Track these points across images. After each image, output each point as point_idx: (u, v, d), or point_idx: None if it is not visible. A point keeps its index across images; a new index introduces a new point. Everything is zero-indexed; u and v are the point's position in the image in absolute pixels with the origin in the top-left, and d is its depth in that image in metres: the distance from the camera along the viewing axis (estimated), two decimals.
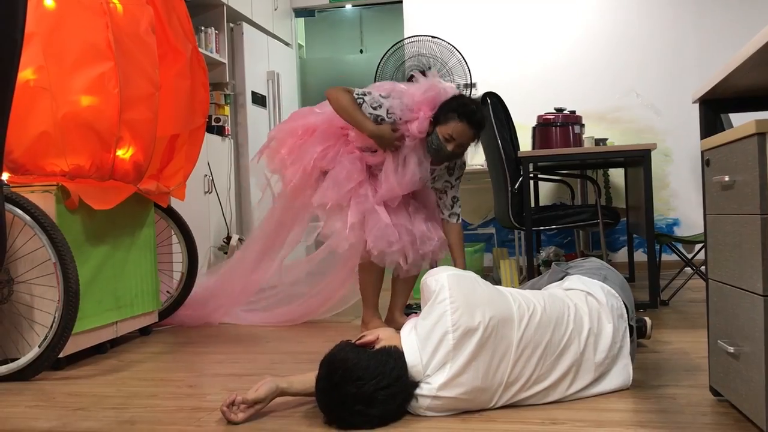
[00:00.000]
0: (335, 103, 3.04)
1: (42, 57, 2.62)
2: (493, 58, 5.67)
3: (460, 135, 2.96)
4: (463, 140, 2.99)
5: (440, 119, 2.99)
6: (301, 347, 3.05)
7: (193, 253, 3.63)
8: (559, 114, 4.28)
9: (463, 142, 3.00)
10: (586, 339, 2.01)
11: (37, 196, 2.65)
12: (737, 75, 1.72)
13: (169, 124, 3.30)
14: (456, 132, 2.95)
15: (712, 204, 1.85)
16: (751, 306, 1.57)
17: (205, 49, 4.68)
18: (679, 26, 5.44)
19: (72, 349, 2.72)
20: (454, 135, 2.96)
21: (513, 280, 4.30)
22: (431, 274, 2.00)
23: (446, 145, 2.98)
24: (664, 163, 5.41)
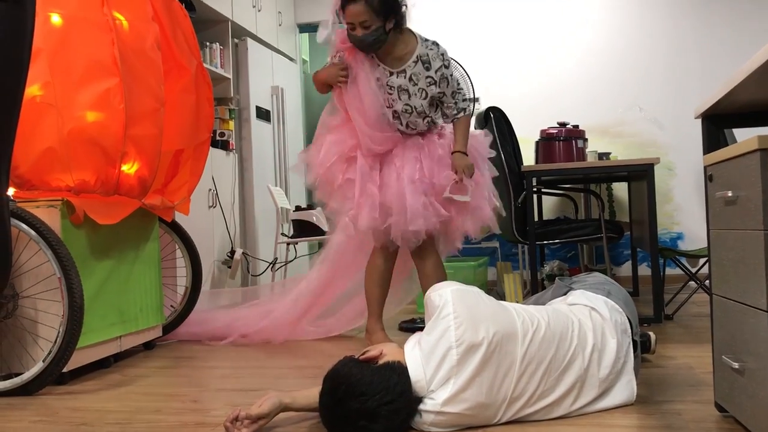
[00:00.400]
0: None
1: (48, 73, 2.65)
2: (497, 73, 5.69)
3: (352, 16, 2.92)
4: (359, 18, 2.92)
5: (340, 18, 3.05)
6: (304, 362, 3.05)
7: (197, 268, 3.64)
8: (562, 128, 4.29)
9: (361, 20, 2.92)
10: (590, 354, 2.01)
11: (43, 211, 2.66)
12: (740, 90, 1.73)
13: (174, 139, 3.32)
14: (348, 16, 2.94)
15: (716, 219, 1.85)
16: (755, 321, 1.57)
17: (210, 65, 4.71)
18: (681, 41, 5.46)
19: (76, 363, 2.72)
20: (349, 20, 2.95)
21: (517, 294, 4.30)
22: (435, 289, 2.01)
23: (355, 34, 2.96)
24: (667, 177, 5.42)
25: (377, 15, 2.91)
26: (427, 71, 3.06)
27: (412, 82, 3.06)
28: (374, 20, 2.92)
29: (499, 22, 5.75)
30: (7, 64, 1.91)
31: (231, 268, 4.73)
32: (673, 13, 5.47)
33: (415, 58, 3.06)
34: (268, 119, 5.46)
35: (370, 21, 2.92)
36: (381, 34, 2.96)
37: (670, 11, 5.48)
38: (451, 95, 3.11)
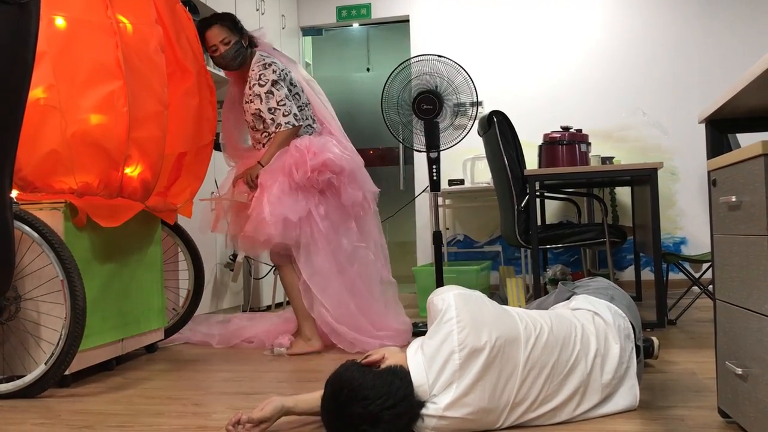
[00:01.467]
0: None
1: (52, 76, 2.65)
2: (500, 77, 5.70)
3: (210, 38, 3.38)
4: (217, 39, 3.37)
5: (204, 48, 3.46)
6: (306, 366, 3.04)
7: (200, 271, 3.64)
8: (565, 132, 4.29)
9: (220, 39, 3.37)
10: (593, 359, 2.01)
11: (46, 213, 2.66)
12: (744, 95, 1.73)
13: (177, 141, 3.32)
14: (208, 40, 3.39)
15: (719, 224, 1.84)
16: (759, 327, 1.57)
17: (212, 68, 4.71)
18: (684, 45, 5.45)
19: (78, 366, 2.72)
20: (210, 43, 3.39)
21: (519, 298, 4.29)
22: (438, 293, 2.00)
23: (216, 55, 3.40)
24: (670, 181, 5.41)
25: (231, 32, 3.39)
26: (248, 89, 3.41)
27: (245, 101, 3.44)
28: (230, 36, 3.38)
29: (503, 27, 5.75)
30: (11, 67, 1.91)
31: (233, 271, 4.73)
32: (676, 18, 5.47)
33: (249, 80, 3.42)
34: None
35: (227, 37, 3.37)
36: (238, 48, 3.40)
37: (674, 16, 5.47)
38: (268, 111, 3.36)
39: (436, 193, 4.11)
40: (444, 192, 5.47)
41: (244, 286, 5.01)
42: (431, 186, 4.08)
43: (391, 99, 4.10)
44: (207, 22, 3.42)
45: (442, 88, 4.13)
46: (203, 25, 3.42)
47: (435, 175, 4.03)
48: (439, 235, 4.11)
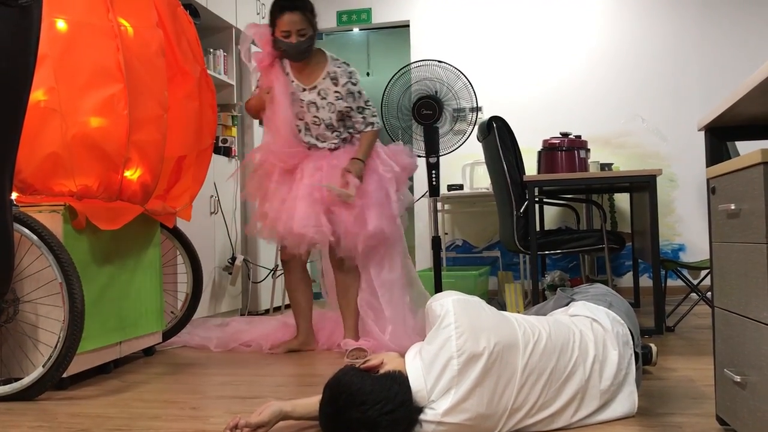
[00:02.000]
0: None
1: (53, 78, 2.65)
2: (500, 83, 5.71)
3: (289, 24, 3.18)
4: (296, 26, 3.19)
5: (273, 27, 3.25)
6: (305, 370, 3.04)
7: (198, 274, 3.64)
8: (564, 138, 4.30)
9: (298, 28, 3.19)
10: (592, 366, 2.01)
11: (45, 215, 2.66)
12: (744, 104, 1.73)
13: (177, 145, 3.32)
14: (284, 24, 3.18)
15: (718, 232, 1.85)
16: (757, 335, 1.57)
17: (213, 71, 4.73)
18: (684, 52, 5.47)
19: (76, 369, 2.72)
20: (285, 28, 3.18)
21: (518, 303, 4.29)
22: (436, 299, 2.00)
23: (290, 41, 3.20)
24: (669, 188, 5.42)
25: (310, 24, 3.23)
26: (335, 86, 3.31)
27: (320, 96, 3.31)
28: (308, 29, 3.22)
29: (503, 33, 5.77)
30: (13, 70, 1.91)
31: (232, 274, 4.73)
32: (675, 25, 5.49)
33: (324, 75, 3.32)
34: None
35: (306, 29, 3.21)
36: (311, 43, 3.27)
37: (673, 23, 5.49)
38: (357, 110, 3.33)
39: (435, 198, 4.12)
40: (443, 197, 5.47)
41: (242, 289, 5.01)
42: (430, 191, 4.09)
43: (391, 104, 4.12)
44: (289, 5, 3.23)
45: (442, 94, 4.14)
46: (282, 6, 3.23)
47: (434, 180, 4.04)
48: (437, 240, 4.12)
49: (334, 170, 3.27)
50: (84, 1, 2.80)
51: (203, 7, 4.53)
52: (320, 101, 3.30)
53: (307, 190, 3.24)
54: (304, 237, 3.20)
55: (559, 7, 5.68)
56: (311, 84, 3.32)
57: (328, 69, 3.31)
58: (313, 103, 3.31)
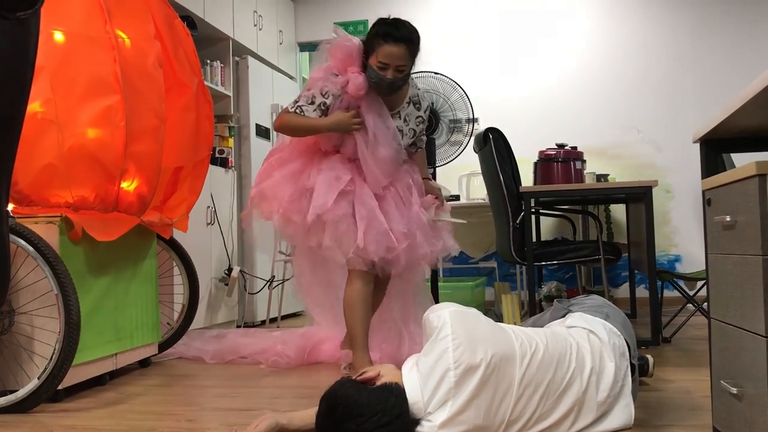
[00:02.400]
0: (284, 129, 2.99)
1: (50, 90, 2.66)
2: (496, 94, 5.73)
3: (391, 57, 2.82)
4: (397, 62, 2.83)
5: (368, 51, 2.86)
6: (301, 382, 3.03)
7: (195, 285, 3.63)
8: (560, 149, 4.31)
9: (398, 63, 2.84)
10: (589, 377, 2.00)
11: (41, 227, 2.66)
12: (739, 116, 1.74)
13: (174, 156, 3.32)
14: (385, 56, 2.82)
15: (714, 243, 1.85)
16: (753, 347, 1.57)
17: (210, 82, 4.74)
18: (679, 64, 5.50)
19: (71, 381, 2.71)
20: (385, 60, 2.82)
21: (514, 314, 4.29)
22: (433, 310, 2.00)
23: (384, 74, 2.84)
24: (665, 199, 5.43)
25: (411, 59, 2.90)
26: (418, 111, 3.11)
27: (405, 122, 3.08)
28: (408, 65, 2.90)
29: (498, 44, 5.79)
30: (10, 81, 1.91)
31: (228, 285, 4.72)
32: (672, 37, 5.52)
33: (408, 99, 3.08)
34: (267, 137, 5.48)
35: (406, 65, 2.88)
36: (407, 80, 2.99)
37: (668, 35, 5.52)
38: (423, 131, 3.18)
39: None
40: None
41: (238, 300, 5.00)
42: None
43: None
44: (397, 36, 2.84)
45: (439, 105, 4.15)
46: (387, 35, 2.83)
47: None
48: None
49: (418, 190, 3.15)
50: (81, 13, 2.81)
51: (200, 18, 4.55)
52: (405, 127, 3.07)
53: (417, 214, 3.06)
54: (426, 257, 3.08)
55: (554, 19, 5.71)
56: (395, 110, 3.05)
57: (410, 93, 3.09)
58: (399, 130, 3.04)
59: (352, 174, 2.98)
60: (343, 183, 2.93)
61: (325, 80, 2.94)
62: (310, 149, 3.08)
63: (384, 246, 2.89)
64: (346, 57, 2.93)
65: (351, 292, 2.97)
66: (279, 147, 3.21)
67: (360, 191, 2.97)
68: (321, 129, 2.92)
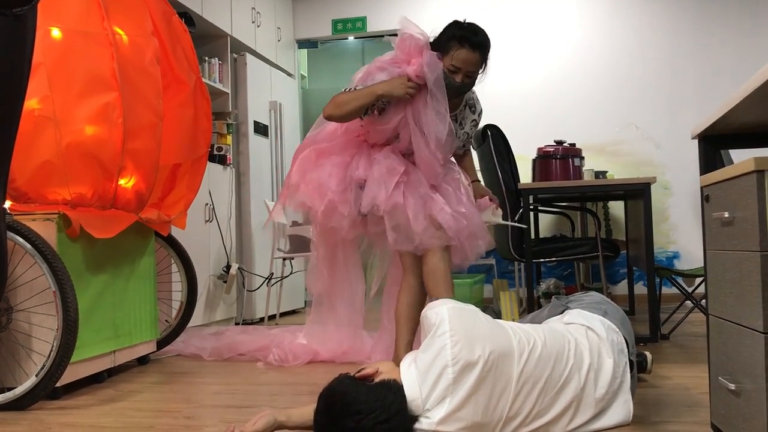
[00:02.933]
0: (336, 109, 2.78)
1: (47, 87, 2.65)
2: (494, 90, 5.70)
3: (465, 62, 2.77)
4: (470, 67, 2.80)
5: (441, 51, 2.79)
6: (299, 379, 3.03)
7: (193, 282, 3.63)
8: (559, 146, 4.31)
9: (470, 69, 2.81)
10: (587, 374, 2.00)
11: (39, 224, 2.65)
12: (737, 112, 1.74)
13: (172, 153, 3.32)
14: (459, 60, 2.77)
15: (712, 240, 1.85)
16: (751, 343, 1.57)
17: (208, 79, 4.73)
18: (676, 60, 5.49)
19: (69, 378, 2.71)
20: (458, 64, 2.77)
21: (513, 311, 4.29)
22: (431, 307, 2.00)
23: (453, 78, 2.78)
24: (663, 196, 5.43)
25: (481, 68, 2.89)
26: (473, 114, 3.09)
27: (460, 126, 3.04)
28: (477, 71, 2.88)
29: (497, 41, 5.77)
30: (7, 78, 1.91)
31: (226, 282, 4.72)
32: (670, 34, 5.51)
33: (464, 103, 3.05)
34: (266, 134, 5.48)
35: (476, 72, 2.86)
36: (473, 85, 2.95)
37: (667, 32, 5.52)
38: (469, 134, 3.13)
39: None
40: None
41: (237, 297, 4.99)
42: None
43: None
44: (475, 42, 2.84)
45: None
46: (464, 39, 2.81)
47: None
48: None
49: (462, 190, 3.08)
50: (79, 9, 2.80)
51: (198, 15, 4.54)
52: (459, 129, 3.01)
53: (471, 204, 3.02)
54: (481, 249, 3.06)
55: (553, 16, 5.70)
56: (453, 112, 2.96)
57: (467, 97, 3.03)
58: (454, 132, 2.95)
59: (405, 166, 2.87)
60: (398, 174, 2.84)
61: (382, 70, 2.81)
62: (357, 142, 2.96)
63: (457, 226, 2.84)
64: (414, 50, 2.82)
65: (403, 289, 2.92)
66: (307, 143, 3.05)
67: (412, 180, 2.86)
68: (374, 93, 2.72)
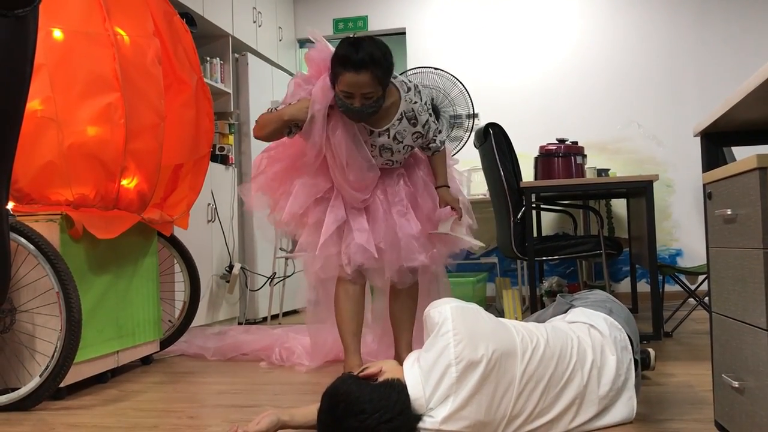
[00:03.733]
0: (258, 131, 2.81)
1: (49, 88, 2.65)
2: (496, 89, 5.71)
3: (353, 86, 2.56)
4: (363, 89, 2.57)
5: (333, 79, 2.64)
6: (303, 378, 3.03)
7: (196, 282, 3.64)
8: (561, 144, 4.31)
9: (364, 91, 2.58)
10: (590, 371, 2.00)
11: (42, 225, 2.66)
12: (739, 109, 1.74)
13: (174, 153, 3.32)
14: (346, 84, 2.57)
15: (715, 237, 1.85)
16: (755, 340, 1.57)
17: (210, 79, 4.73)
18: (679, 58, 5.49)
19: (73, 378, 2.71)
20: (347, 89, 2.58)
21: (516, 310, 4.29)
22: (434, 306, 2.00)
23: (351, 103, 2.61)
24: (666, 193, 5.43)
25: (379, 84, 2.62)
26: (414, 127, 2.81)
27: (396, 141, 2.81)
28: (377, 90, 2.62)
29: (499, 40, 5.78)
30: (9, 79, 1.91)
31: (229, 282, 4.73)
32: (671, 31, 5.50)
33: (399, 116, 2.78)
34: None
35: (373, 92, 2.61)
36: (379, 104, 2.68)
37: (668, 29, 5.51)
38: (432, 136, 2.89)
39: None
40: None
41: (240, 297, 5.00)
42: None
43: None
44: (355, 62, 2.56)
45: (439, 101, 4.15)
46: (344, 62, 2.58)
47: None
48: None
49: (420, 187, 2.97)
50: (80, 10, 2.81)
51: (200, 15, 4.54)
52: (395, 145, 2.81)
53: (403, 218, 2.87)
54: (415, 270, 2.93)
55: (554, 13, 5.70)
56: (383, 127, 2.77)
57: (403, 108, 2.77)
58: (388, 148, 2.81)
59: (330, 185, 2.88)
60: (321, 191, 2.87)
61: (300, 87, 2.83)
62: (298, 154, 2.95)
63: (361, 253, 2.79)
64: (322, 64, 2.76)
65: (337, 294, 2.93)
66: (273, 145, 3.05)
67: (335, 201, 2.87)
68: (282, 117, 2.72)
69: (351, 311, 2.89)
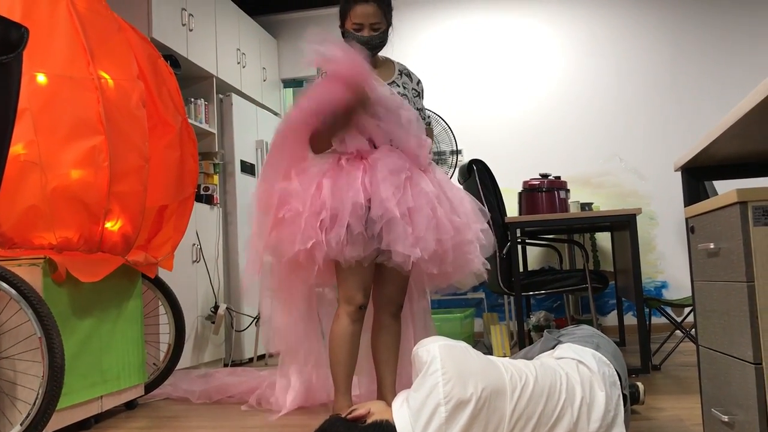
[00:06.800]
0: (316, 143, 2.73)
1: (33, 132, 2.65)
2: (478, 125, 5.78)
3: (363, 16, 2.77)
4: (370, 20, 2.78)
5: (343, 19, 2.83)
6: (290, 421, 2.99)
7: (181, 324, 3.60)
8: (544, 179, 4.34)
9: (372, 21, 2.78)
10: (579, 408, 1.99)
11: (24, 269, 2.63)
12: (718, 144, 1.77)
13: (158, 194, 3.32)
14: (357, 16, 2.78)
15: (699, 271, 1.86)
16: (742, 374, 1.57)
17: (194, 120, 4.75)
18: (658, 92, 5.58)
19: (55, 426, 2.65)
20: (358, 20, 2.78)
21: (504, 345, 4.27)
22: (422, 345, 1.99)
23: (360, 35, 2.78)
24: (649, 226, 5.47)
25: (385, 17, 2.83)
26: (412, 82, 2.98)
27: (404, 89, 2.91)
28: (383, 22, 2.82)
29: (480, 76, 5.86)
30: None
31: (214, 323, 4.68)
32: (650, 66, 5.61)
33: (397, 71, 2.96)
34: (252, 173, 5.48)
35: (380, 23, 2.81)
36: (385, 38, 2.86)
37: (647, 64, 5.62)
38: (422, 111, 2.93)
39: None
40: None
41: (225, 338, 4.94)
42: None
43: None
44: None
45: None
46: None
47: None
48: None
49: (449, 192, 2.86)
50: (64, 54, 2.82)
51: (184, 57, 4.57)
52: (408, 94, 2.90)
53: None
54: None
55: (536, 51, 5.80)
56: (389, 79, 2.91)
57: (398, 66, 2.98)
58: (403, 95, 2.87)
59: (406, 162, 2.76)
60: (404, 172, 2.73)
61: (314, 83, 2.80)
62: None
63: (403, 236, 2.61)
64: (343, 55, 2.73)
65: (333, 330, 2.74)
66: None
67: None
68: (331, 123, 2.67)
69: (347, 353, 2.72)
